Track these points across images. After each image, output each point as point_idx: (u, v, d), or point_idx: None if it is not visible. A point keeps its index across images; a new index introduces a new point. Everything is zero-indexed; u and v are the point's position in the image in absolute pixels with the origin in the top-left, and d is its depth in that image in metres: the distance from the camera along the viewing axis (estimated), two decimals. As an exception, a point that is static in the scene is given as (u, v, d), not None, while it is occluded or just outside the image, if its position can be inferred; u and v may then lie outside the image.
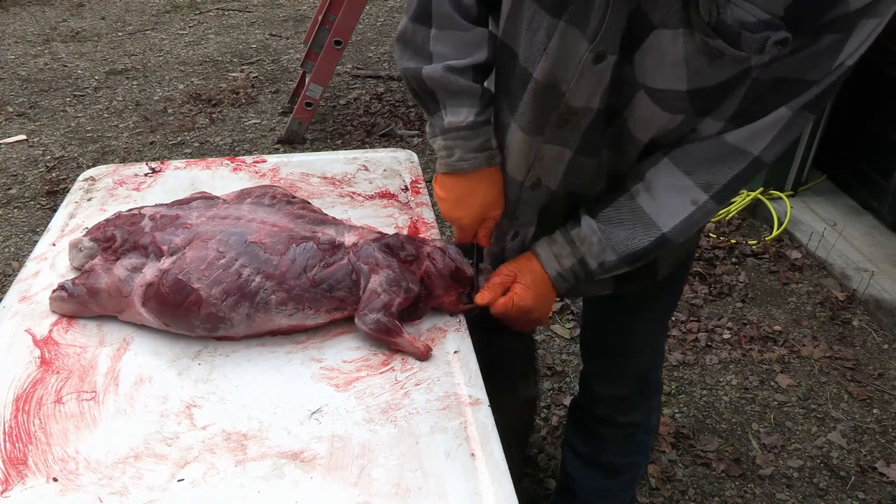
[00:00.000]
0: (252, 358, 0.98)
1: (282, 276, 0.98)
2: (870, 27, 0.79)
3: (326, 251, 1.02)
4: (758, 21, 0.77)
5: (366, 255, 1.02)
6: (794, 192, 3.05)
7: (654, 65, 0.86)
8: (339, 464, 0.83)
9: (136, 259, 1.03)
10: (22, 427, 0.87)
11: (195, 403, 0.91)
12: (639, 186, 0.97)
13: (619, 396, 1.39)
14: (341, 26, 3.46)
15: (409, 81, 1.05)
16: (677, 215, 0.95)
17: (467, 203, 1.06)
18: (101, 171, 1.44)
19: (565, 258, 1.03)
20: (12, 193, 3.29)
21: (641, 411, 1.42)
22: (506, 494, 0.79)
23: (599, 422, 1.43)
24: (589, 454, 1.50)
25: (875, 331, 2.44)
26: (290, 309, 0.98)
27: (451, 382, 0.94)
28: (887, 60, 2.78)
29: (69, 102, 4.16)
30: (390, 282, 1.00)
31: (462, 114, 1.01)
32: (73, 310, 1.05)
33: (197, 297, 0.96)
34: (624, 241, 0.98)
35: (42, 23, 5.47)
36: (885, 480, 1.91)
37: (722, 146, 0.91)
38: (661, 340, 1.40)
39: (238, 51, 4.89)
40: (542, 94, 0.94)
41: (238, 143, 3.70)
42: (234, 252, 0.99)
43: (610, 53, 0.87)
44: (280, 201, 1.12)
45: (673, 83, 0.86)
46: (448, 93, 1.01)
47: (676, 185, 0.94)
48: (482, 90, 1.02)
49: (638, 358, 1.34)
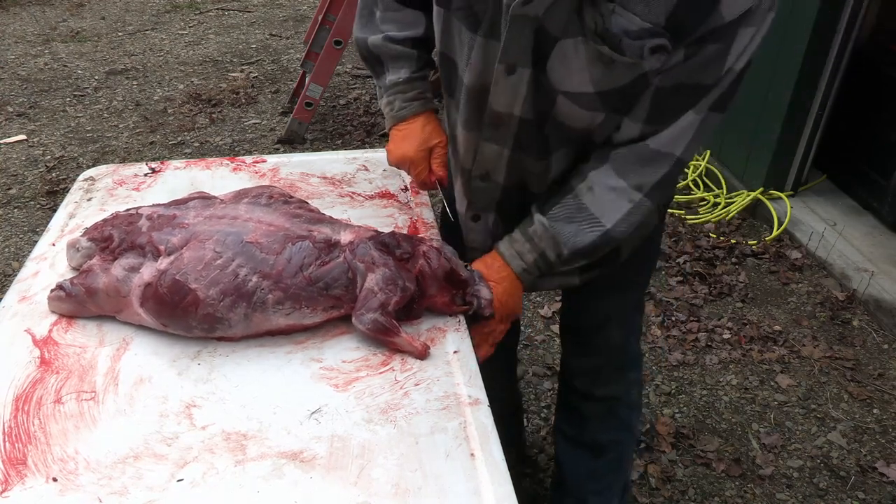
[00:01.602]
0: (252, 358, 0.98)
1: (278, 276, 0.98)
2: (748, 35, 0.90)
3: (322, 249, 1.02)
4: (640, 29, 0.87)
5: (362, 254, 1.02)
6: (794, 192, 3.05)
7: (563, 72, 0.96)
8: (338, 464, 0.83)
9: (133, 259, 1.03)
10: (21, 427, 0.87)
11: (195, 403, 0.91)
12: (582, 186, 1.06)
13: (593, 368, 1.44)
14: (341, 26, 3.46)
15: (360, 48, 1.23)
16: (617, 213, 1.05)
17: (409, 139, 1.21)
18: (100, 171, 1.44)
19: (527, 254, 1.11)
20: (12, 193, 3.29)
21: (619, 385, 1.47)
22: (506, 494, 0.79)
23: (580, 397, 1.48)
24: (574, 435, 1.54)
25: (875, 331, 2.44)
26: (286, 308, 0.98)
27: (451, 382, 0.94)
28: (887, 60, 2.78)
29: (69, 102, 4.16)
30: (387, 280, 1.00)
31: (401, 73, 1.20)
32: (72, 310, 1.05)
33: (194, 298, 0.96)
34: (571, 237, 1.07)
35: (42, 23, 5.47)
36: (885, 480, 1.91)
37: (647, 152, 1.01)
38: (635, 314, 1.44)
39: (238, 51, 4.89)
40: (474, 98, 1.06)
41: (238, 143, 3.70)
42: (231, 252, 0.99)
43: (521, 66, 0.98)
44: (277, 201, 1.12)
45: (582, 87, 0.96)
46: (390, 57, 1.20)
47: (614, 187, 1.04)
48: (417, 54, 1.19)
49: (610, 331, 1.39)
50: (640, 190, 1.04)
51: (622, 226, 1.06)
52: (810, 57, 2.72)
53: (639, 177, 1.03)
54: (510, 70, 0.99)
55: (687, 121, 0.98)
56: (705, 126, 0.99)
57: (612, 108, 1.00)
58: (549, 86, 0.99)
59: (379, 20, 1.20)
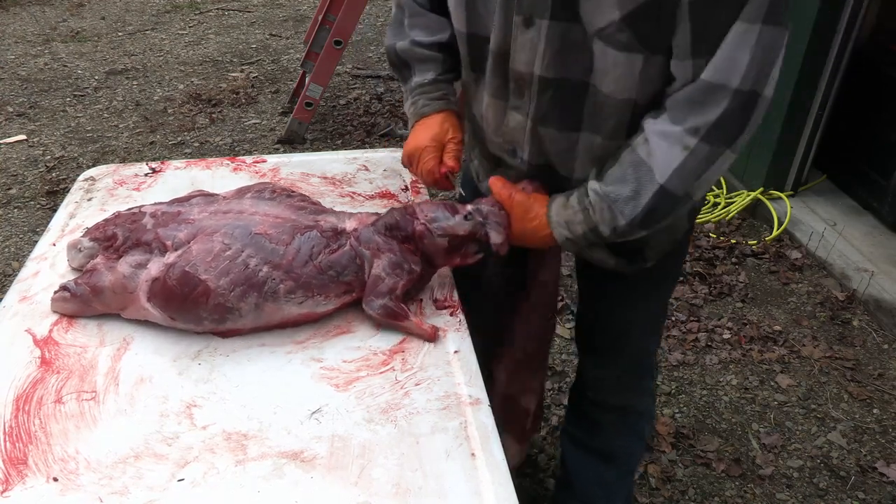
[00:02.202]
0: (252, 358, 0.98)
1: (289, 265, 0.99)
2: None
3: (330, 238, 1.04)
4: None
5: (366, 240, 1.04)
6: (794, 192, 3.05)
7: (593, 5, 0.90)
8: (339, 464, 0.83)
9: (139, 256, 1.03)
10: (22, 427, 0.87)
11: (195, 403, 0.91)
12: (639, 138, 0.98)
13: (610, 378, 1.42)
14: (341, 26, 3.46)
15: (389, 55, 1.25)
16: (671, 164, 0.94)
17: (425, 131, 1.19)
18: (101, 171, 1.45)
19: (577, 225, 1.03)
20: (12, 193, 3.29)
21: (633, 393, 1.45)
22: (506, 494, 0.79)
23: (593, 405, 1.46)
24: (584, 438, 1.53)
25: (875, 331, 2.44)
26: (299, 297, 0.99)
27: (451, 382, 0.94)
28: (887, 60, 2.78)
29: (69, 102, 4.16)
30: (393, 265, 1.02)
31: (427, 75, 1.21)
32: (76, 309, 1.05)
33: (205, 289, 0.96)
34: (629, 202, 0.98)
35: (42, 23, 5.47)
36: (885, 480, 1.91)
37: (700, 86, 0.90)
38: (655, 327, 1.41)
39: (238, 51, 4.89)
40: (499, 64, 1.04)
41: (238, 143, 3.70)
42: (240, 244, 0.99)
43: (538, 17, 0.94)
44: (280, 195, 1.13)
45: (610, 14, 0.88)
46: (417, 61, 1.21)
47: (666, 133, 0.93)
48: (443, 57, 1.20)
49: (629, 342, 1.37)
50: (695, 134, 0.91)
51: (676, 179, 0.94)
52: (810, 57, 2.72)
53: (694, 118, 0.91)
54: (528, 22, 0.95)
55: (737, 37, 0.85)
56: (764, 46, 0.86)
57: (646, 43, 0.90)
58: (583, 38, 0.93)
59: (407, 26, 1.21)
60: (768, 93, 0.90)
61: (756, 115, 0.91)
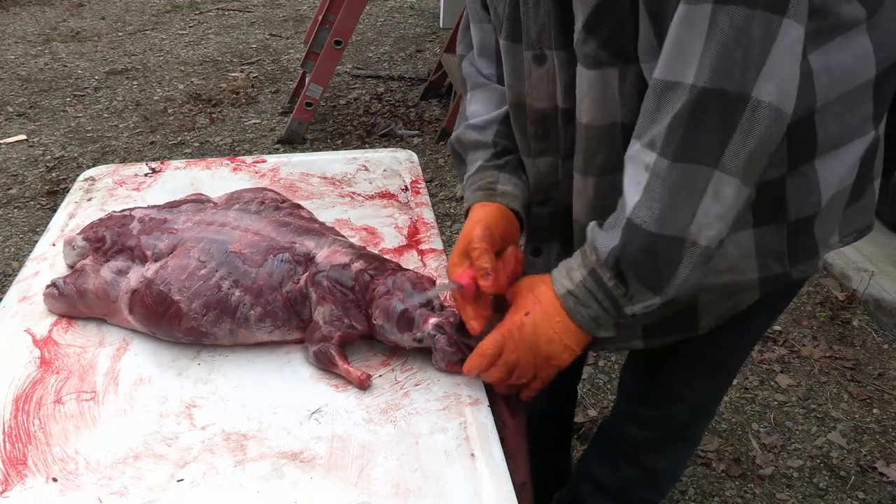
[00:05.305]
0: (252, 358, 0.98)
1: (258, 290, 0.97)
2: None
3: (300, 263, 0.99)
4: None
5: (317, 282, 0.98)
6: (794, 192, 3.05)
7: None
8: (338, 464, 0.83)
9: (122, 262, 1.03)
10: (22, 427, 0.87)
11: (195, 403, 0.91)
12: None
13: (648, 441, 1.26)
14: (341, 26, 3.46)
15: (451, 148, 1.11)
16: (636, 189, 0.76)
17: (461, 238, 0.97)
18: (101, 171, 1.45)
19: (575, 270, 0.85)
20: (12, 193, 3.29)
21: (668, 459, 1.29)
22: (506, 494, 0.79)
23: (624, 458, 1.31)
24: (604, 483, 1.36)
25: (875, 331, 2.44)
26: (268, 325, 0.97)
27: (451, 382, 0.94)
28: (887, 60, 2.77)
29: (69, 102, 4.16)
30: (333, 316, 0.96)
31: (476, 163, 1.04)
32: (64, 309, 1.05)
33: (177, 310, 0.96)
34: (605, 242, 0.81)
35: (42, 23, 5.47)
36: (885, 480, 1.91)
37: (653, 88, 0.75)
38: (710, 398, 1.22)
39: (238, 51, 4.89)
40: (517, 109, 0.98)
41: (238, 143, 3.70)
42: (215, 262, 0.98)
43: (547, 49, 0.89)
44: (267, 207, 1.11)
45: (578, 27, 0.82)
46: (469, 148, 1.06)
47: (630, 154, 0.78)
48: (494, 142, 1.03)
49: (677, 410, 1.20)
50: (653, 147, 0.74)
51: (642, 209, 0.76)
52: (810, 57, 2.71)
53: (651, 128, 0.75)
54: (539, 59, 0.89)
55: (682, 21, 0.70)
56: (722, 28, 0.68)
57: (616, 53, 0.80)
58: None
59: (469, 101, 1.07)
60: (766, 97, 0.70)
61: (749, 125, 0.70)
